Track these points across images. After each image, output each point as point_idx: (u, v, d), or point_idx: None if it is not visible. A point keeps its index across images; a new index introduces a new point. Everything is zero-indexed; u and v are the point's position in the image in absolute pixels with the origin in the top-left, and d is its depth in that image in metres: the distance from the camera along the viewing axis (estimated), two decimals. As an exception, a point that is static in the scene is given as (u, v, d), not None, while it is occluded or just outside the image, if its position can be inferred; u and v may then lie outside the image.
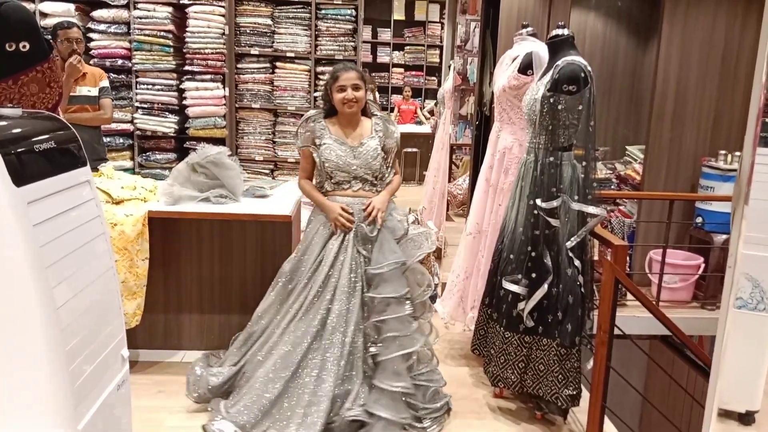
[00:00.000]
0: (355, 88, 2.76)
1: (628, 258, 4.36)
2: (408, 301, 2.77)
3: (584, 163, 2.77)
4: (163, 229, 3.35)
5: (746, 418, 2.87)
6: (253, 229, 3.41)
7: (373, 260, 2.74)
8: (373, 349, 2.75)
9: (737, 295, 2.83)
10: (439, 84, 6.94)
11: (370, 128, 2.86)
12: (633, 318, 4.07)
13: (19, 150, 1.26)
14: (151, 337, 3.51)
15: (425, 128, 8.99)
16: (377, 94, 10.36)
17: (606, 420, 2.87)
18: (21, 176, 1.21)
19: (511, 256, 2.89)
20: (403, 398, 2.72)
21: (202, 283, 3.49)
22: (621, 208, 4.77)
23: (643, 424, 5.02)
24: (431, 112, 9.30)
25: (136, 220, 3.13)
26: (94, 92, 3.96)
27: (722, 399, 2.80)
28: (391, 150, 2.89)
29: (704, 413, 1.71)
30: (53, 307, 1.17)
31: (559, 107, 2.76)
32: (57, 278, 1.22)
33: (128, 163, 4.95)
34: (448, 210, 6.17)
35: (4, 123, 1.30)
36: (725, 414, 2.86)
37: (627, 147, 5.60)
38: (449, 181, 6.26)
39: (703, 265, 4.41)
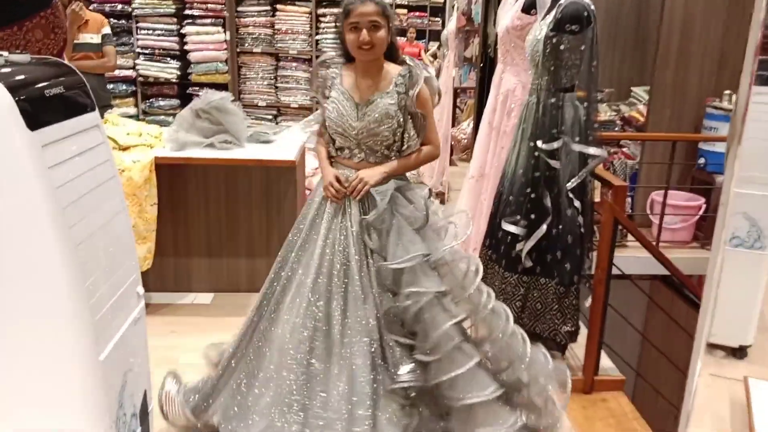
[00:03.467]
0: (373, 27, 2.10)
1: (630, 199, 4.41)
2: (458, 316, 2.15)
3: (586, 104, 2.77)
4: (169, 175, 3.39)
5: (739, 352, 2.98)
6: (257, 174, 3.46)
7: (390, 255, 2.14)
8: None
9: (734, 234, 2.90)
10: (443, 25, 6.82)
11: (391, 81, 2.20)
12: (633, 258, 4.14)
13: (31, 95, 1.29)
14: (162, 280, 3.62)
15: (430, 72, 8.88)
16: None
17: (604, 356, 2.99)
18: (34, 120, 1.25)
19: (511, 198, 2.93)
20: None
21: (209, 228, 3.57)
22: (624, 149, 4.78)
23: (642, 362, 5.15)
24: (434, 56, 9.18)
25: (143, 166, 3.17)
26: (97, 39, 3.96)
27: (716, 334, 2.90)
28: (416, 111, 2.20)
29: (693, 346, 1.78)
30: (72, 245, 1.23)
31: (562, 47, 2.75)
32: (74, 218, 1.28)
33: (132, 110, 4.98)
34: (452, 155, 6.19)
35: (14, 69, 1.34)
36: (720, 348, 2.98)
37: (632, 88, 5.56)
38: (453, 126, 6.25)
39: (704, 206, 4.46)
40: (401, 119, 2.19)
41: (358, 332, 2.14)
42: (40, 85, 1.36)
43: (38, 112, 1.28)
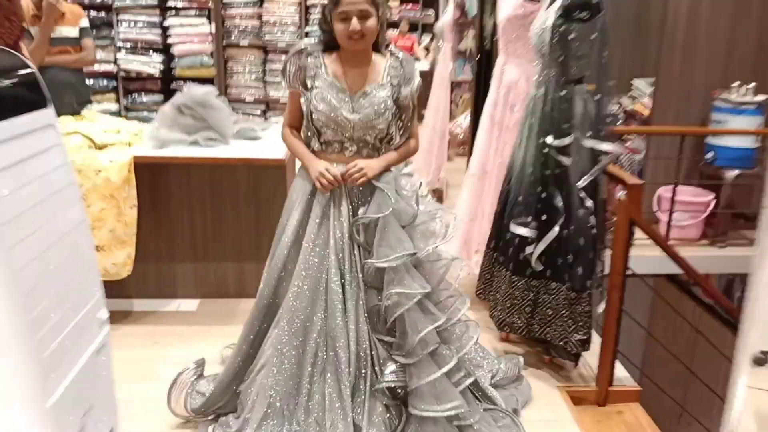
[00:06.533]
0: (363, 16, 2.00)
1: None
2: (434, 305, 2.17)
3: (597, 97, 2.58)
4: (151, 175, 3.19)
5: (762, 359, 2.80)
6: (244, 173, 3.24)
7: (376, 253, 2.09)
8: (390, 375, 2.15)
9: None
10: (437, 17, 6.62)
11: (383, 72, 2.13)
12: (641, 258, 3.95)
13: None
14: (144, 287, 3.41)
15: (423, 65, 8.66)
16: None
17: (617, 365, 2.79)
18: (-32, 118, 1.04)
19: (519, 198, 2.74)
20: (455, 422, 2.16)
21: (194, 230, 3.36)
22: (628, 144, 4.60)
23: (646, 361, 4.99)
24: (427, 49, 8.96)
25: (121, 165, 2.95)
26: (75, 33, 3.72)
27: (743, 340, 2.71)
28: (407, 104, 2.16)
29: (734, 359, 1.59)
30: (12, 270, 1.02)
31: (570, 36, 2.56)
32: (16, 236, 1.07)
33: (114, 106, 4.74)
34: (448, 150, 5.97)
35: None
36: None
37: (633, 80, 5.37)
38: (449, 120, 6.04)
39: (713, 202, 4.28)
40: (394, 112, 2.14)
41: (351, 330, 2.14)
42: (-22, 77, 1.14)
43: (-26, 108, 1.07)
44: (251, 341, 2.28)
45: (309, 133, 2.19)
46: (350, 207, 2.17)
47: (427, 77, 6.69)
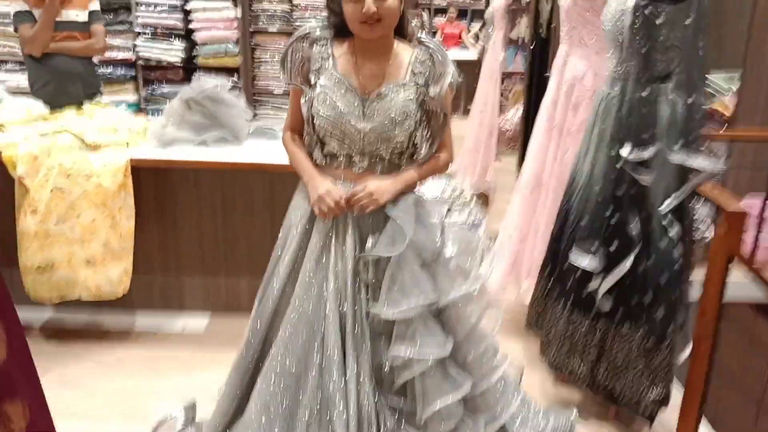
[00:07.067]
0: None
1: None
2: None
3: (690, 100, 2.05)
4: (155, 179, 2.84)
5: None
6: (259, 179, 2.83)
7: (384, 299, 1.66)
8: None
9: None
10: (487, 3, 6.12)
11: (407, 66, 1.67)
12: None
13: None
14: (148, 300, 3.06)
15: (471, 54, 8.11)
16: (425, 15, 9.36)
17: (704, 423, 2.27)
18: None
19: (583, 221, 2.24)
20: None
21: (203, 241, 2.98)
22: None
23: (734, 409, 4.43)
24: (476, 37, 8.40)
25: (116, 169, 2.57)
26: (83, 17, 3.36)
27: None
28: (437, 109, 1.67)
29: None
30: None
31: (658, 21, 2.04)
32: None
33: (132, 97, 4.39)
34: (496, 148, 5.44)
35: None
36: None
37: (707, 75, 4.73)
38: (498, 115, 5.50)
39: (807, 220, 3.65)
40: (419, 119, 1.67)
41: (351, 391, 1.70)
42: None
43: None
44: (237, 398, 1.86)
45: (311, 142, 1.75)
46: (357, 237, 1.72)
47: (475, 68, 6.17)
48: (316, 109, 1.65)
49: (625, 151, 2.09)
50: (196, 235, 2.96)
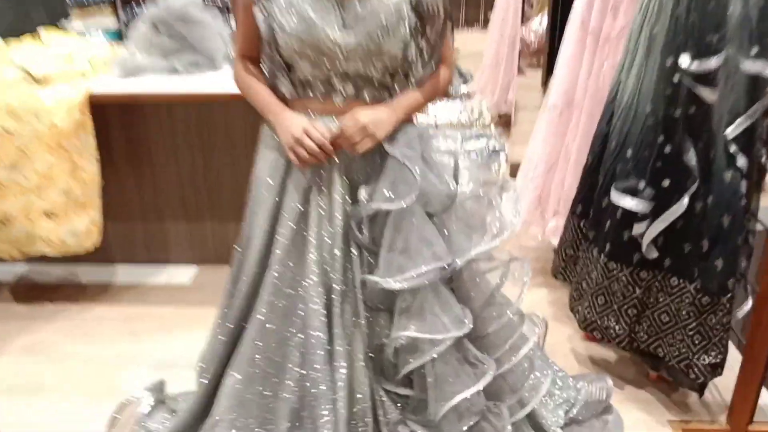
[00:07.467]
0: None
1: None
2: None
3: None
4: (123, 117, 2.50)
5: None
6: (241, 110, 2.43)
7: (384, 265, 1.32)
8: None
9: None
10: None
11: None
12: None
13: None
14: (131, 251, 2.78)
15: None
16: None
17: (763, 393, 1.92)
18: None
19: (629, 151, 1.82)
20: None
21: (183, 184, 2.66)
22: None
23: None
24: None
25: (71, 106, 2.20)
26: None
27: None
28: (434, 10, 1.30)
29: None
30: None
31: None
32: None
33: (110, 21, 3.92)
34: (519, 62, 4.91)
35: None
36: None
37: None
38: (521, 24, 4.93)
39: None
40: (414, 24, 1.29)
41: (340, 381, 1.36)
42: None
43: None
44: (208, 391, 1.55)
45: (273, 69, 1.36)
46: (347, 188, 1.35)
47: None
48: (279, 23, 1.27)
49: (683, 60, 1.64)
50: (176, 178, 2.64)
